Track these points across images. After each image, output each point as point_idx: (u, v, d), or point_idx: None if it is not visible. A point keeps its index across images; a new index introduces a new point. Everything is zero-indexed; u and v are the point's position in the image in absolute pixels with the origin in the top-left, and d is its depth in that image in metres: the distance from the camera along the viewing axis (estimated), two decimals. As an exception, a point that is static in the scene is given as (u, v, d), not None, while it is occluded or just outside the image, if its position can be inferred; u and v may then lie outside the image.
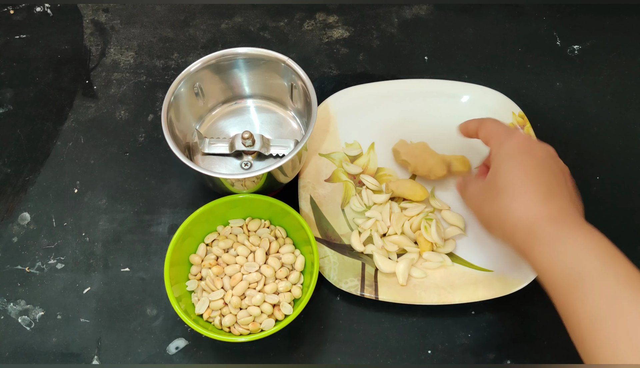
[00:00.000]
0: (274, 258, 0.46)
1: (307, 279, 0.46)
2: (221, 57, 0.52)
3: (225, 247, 0.47)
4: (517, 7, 0.69)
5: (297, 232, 0.48)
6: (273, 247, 0.47)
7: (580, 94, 0.62)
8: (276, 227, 0.49)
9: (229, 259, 0.46)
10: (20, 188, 0.55)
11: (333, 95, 0.57)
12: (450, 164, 0.53)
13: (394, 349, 0.47)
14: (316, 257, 0.45)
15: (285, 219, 0.48)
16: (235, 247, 0.47)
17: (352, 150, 0.56)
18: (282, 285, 0.45)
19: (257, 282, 0.45)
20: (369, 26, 0.67)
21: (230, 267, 0.46)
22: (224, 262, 0.47)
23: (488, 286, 0.47)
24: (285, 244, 0.48)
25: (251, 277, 0.45)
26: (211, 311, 0.45)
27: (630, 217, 0.54)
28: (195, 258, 0.47)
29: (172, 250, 0.45)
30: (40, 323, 0.48)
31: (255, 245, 0.47)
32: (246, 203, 0.48)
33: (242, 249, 0.47)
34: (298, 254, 0.47)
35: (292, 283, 0.46)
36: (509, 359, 0.47)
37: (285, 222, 0.49)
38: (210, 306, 0.45)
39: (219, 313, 0.45)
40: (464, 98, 0.58)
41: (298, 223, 0.46)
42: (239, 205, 0.48)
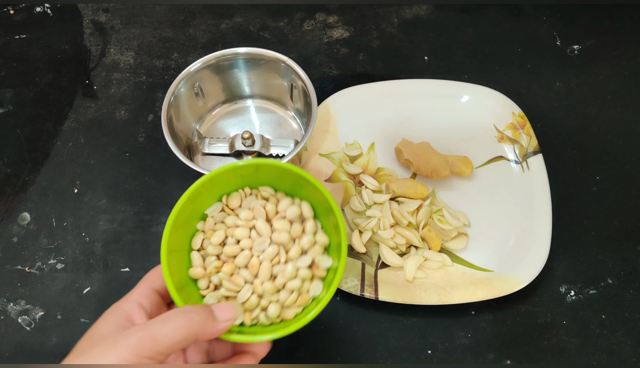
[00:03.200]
0: (279, 220, 0.38)
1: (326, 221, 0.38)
2: (221, 57, 0.52)
3: (220, 241, 0.38)
4: (517, 7, 0.69)
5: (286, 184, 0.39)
6: (270, 210, 0.38)
7: (580, 94, 0.62)
8: (258, 189, 0.40)
9: (232, 249, 0.37)
10: (20, 188, 0.55)
11: (333, 95, 0.57)
12: (453, 164, 0.53)
13: (394, 349, 0.47)
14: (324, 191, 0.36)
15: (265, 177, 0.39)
16: (230, 234, 0.38)
17: (352, 150, 0.56)
18: (306, 240, 0.37)
19: (277, 255, 0.37)
20: (369, 26, 0.67)
21: (239, 257, 0.37)
22: (229, 257, 0.38)
23: (488, 286, 0.47)
24: (280, 199, 0.39)
25: (268, 253, 0.37)
26: (250, 313, 0.36)
27: (630, 217, 0.54)
28: (197, 272, 0.37)
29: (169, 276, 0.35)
30: (40, 323, 0.48)
31: (249, 219, 0.38)
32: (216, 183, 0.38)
33: (239, 232, 0.38)
34: (298, 202, 0.39)
35: (313, 232, 0.38)
36: (509, 359, 0.47)
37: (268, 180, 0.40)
38: (245, 308, 0.36)
39: (259, 310, 0.37)
40: (464, 98, 0.58)
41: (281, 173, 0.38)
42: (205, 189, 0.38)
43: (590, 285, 0.50)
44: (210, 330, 0.31)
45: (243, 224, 0.38)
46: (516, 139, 0.56)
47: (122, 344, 0.28)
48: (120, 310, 0.32)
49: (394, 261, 0.49)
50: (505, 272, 0.48)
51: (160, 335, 0.29)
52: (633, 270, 0.51)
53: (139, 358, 0.28)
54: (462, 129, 0.57)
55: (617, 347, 0.47)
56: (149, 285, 0.34)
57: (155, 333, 0.29)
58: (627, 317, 0.49)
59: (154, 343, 0.28)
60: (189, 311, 0.30)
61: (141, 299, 0.33)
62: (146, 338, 0.28)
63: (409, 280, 0.48)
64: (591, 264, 0.51)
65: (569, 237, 0.52)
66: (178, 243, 0.37)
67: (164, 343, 0.29)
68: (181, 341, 0.29)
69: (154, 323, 0.29)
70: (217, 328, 0.31)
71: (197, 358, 0.35)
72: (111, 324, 0.31)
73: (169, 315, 0.30)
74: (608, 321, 0.48)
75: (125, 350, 0.28)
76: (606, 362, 0.47)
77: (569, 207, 0.54)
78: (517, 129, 0.56)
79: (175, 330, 0.29)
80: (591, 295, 0.50)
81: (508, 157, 0.56)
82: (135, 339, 0.28)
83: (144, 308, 0.33)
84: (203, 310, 0.31)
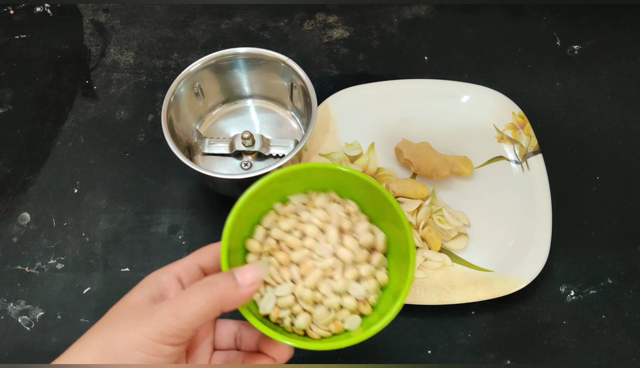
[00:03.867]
0: (350, 238, 0.35)
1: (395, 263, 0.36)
2: (221, 57, 0.52)
3: (288, 228, 0.36)
4: (517, 7, 0.69)
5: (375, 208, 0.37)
6: (346, 225, 0.36)
7: (580, 94, 0.62)
8: (346, 199, 0.38)
9: (295, 242, 0.35)
10: (20, 188, 0.55)
11: (333, 95, 0.57)
12: (453, 164, 0.53)
13: (394, 349, 0.47)
14: (410, 237, 0.34)
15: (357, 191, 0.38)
16: (301, 228, 0.36)
17: (352, 150, 0.56)
18: (365, 270, 0.35)
19: (334, 269, 0.34)
20: (369, 26, 0.67)
21: (297, 252, 0.35)
22: (288, 247, 0.35)
23: (488, 286, 0.47)
24: (360, 220, 0.37)
25: (326, 262, 0.34)
26: (279, 310, 0.34)
27: (630, 217, 0.54)
28: (253, 245, 0.36)
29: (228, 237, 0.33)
30: (40, 324, 0.48)
31: (323, 221, 0.36)
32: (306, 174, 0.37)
33: (310, 229, 0.35)
34: (377, 231, 0.37)
35: (376, 267, 0.36)
36: (509, 359, 0.47)
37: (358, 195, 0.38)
38: (277, 303, 0.34)
39: (289, 312, 0.34)
40: (464, 98, 0.58)
41: (379, 197, 0.36)
42: (299, 177, 0.37)
43: (590, 285, 0.50)
44: (234, 297, 0.29)
45: (317, 223, 0.36)
46: (516, 139, 0.56)
47: (146, 322, 0.28)
48: (156, 281, 0.31)
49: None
50: (505, 272, 0.48)
51: (182, 312, 0.28)
52: (633, 270, 0.51)
53: (162, 337, 0.27)
54: (462, 129, 0.57)
55: (617, 347, 0.47)
56: (196, 259, 0.33)
57: (177, 309, 0.28)
58: (627, 317, 0.49)
59: (177, 320, 0.27)
60: (211, 281, 0.29)
61: (182, 272, 0.32)
62: (168, 315, 0.27)
63: (409, 280, 0.48)
64: (591, 264, 0.51)
65: (569, 237, 0.52)
66: (248, 213, 0.36)
67: (186, 319, 0.28)
68: (204, 315, 0.28)
69: (176, 298, 0.28)
70: (241, 294, 0.29)
71: (225, 340, 0.35)
72: (144, 295, 0.30)
73: (191, 289, 0.29)
74: (608, 321, 0.48)
75: (149, 328, 0.27)
76: (606, 362, 0.47)
77: (569, 207, 0.54)
78: (517, 129, 0.56)
79: (197, 305, 0.28)
80: (591, 295, 0.50)
81: (508, 157, 0.56)
82: (158, 317, 0.28)
83: (183, 282, 0.32)
84: (225, 277, 0.29)
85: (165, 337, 0.27)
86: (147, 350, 0.27)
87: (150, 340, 0.27)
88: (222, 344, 0.35)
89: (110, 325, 0.29)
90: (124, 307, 0.30)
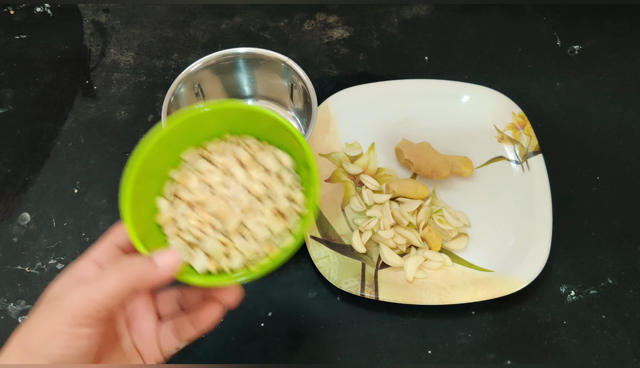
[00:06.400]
0: (256, 170, 0.35)
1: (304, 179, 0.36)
2: (221, 57, 0.52)
3: (193, 187, 0.35)
4: (517, 7, 0.69)
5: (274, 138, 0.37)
6: (244, 157, 0.36)
7: (580, 94, 0.62)
8: (243, 137, 0.37)
9: (204, 196, 0.34)
10: (20, 188, 0.55)
11: (333, 96, 0.57)
12: (453, 164, 0.53)
13: (394, 349, 0.47)
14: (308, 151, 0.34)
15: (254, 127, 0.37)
16: (205, 179, 0.35)
17: (352, 150, 0.56)
18: (281, 192, 0.35)
19: (251, 204, 0.34)
20: (369, 26, 0.67)
21: (211, 204, 0.34)
22: (200, 203, 0.34)
23: (488, 286, 0.47)
24: (261, 149, 0.37)
25: (241, 202, 0.34)
26: (215, 261, 0.34)
27: (630, 217, 0.54)
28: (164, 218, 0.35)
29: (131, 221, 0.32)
30: (40, 324, 0.48)
31: (225, 166, 0.35)
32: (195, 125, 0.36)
33: (213, 178, 0.35)
34: (280, 154, 0.36)
35: (289, 185, 0.36)
36: (509, 359, 0.47)
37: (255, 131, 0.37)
38: (210, 256, 0.34)
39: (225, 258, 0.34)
40: (464, 98, 0.58)
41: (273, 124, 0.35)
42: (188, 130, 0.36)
43: (591, 285, 0.50)
44: (151, 278, 0.29)
45: (218, 171, 0.35)
46: (516, 139, 0.56)
47: (57, 309, 0.27)
48: (73, 270, 0.31)
49: (394, 261, 0.49)
50: (505, 272, 0.48)
51: (94, 293, 0.27)
52: (633, 270, 0.51)
53: (75, 320, 0.27)
54: (462, 129, 0.57)
55: (617, 347, 0.47)
56: (111, 240, 0.33)
57: (89, 291, 0.27)
58: (627, 317, 0.49)
59: (88, 302, 0.27)
60: (127, 263, 0.29)
61: (98, 256, 0.32)
62: (80, 299, 0.27)
63: (409, 280, 0.48)
64: (591, 264, 0.51)
65: (569, 237, 0.52)
66: (146, 188, 0.35)
67: (98, 300, 0.27)
68: (117, 295, 0.28)
69: (89, 281, 0.28)
70: (158, 276, 0.30)
71: (169, 307, 0.35)
72: (61, 286, 0.30)
73: (107, 270, 0.29)
74: (608, 321, 0.48)
75: (61, 315, 0.27)
76: (606, 362, 0.47)
77: (569, 207, 0.54)
78: (517, 129, 0.56)
79: (110, 285, 0.28)
80: (591, 295, 0.50)
81: (508, 157, 0.56)
82: (69, 301, 0.27)
83: (101, 266, 0.31)
84: (142, 259, 0.30)
85: (78, 320, 0.27)
86: (64, 337, 0.27)
87: (63, 326, 0.27)
88: (167, 311, 0.35)
89: (28, 323, 0.29)
90: (45, 301, 0.30)
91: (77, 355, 0.28)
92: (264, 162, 0.36)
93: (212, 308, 0.34)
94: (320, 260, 0.48)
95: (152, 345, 0.34)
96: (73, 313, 0.27)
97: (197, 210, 0.34)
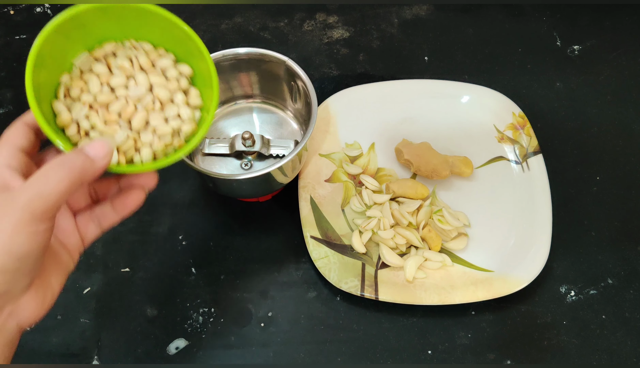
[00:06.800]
0: (156, 75, 0.37)
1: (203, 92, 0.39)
2: (221, 57, 0.52)
3: (95, 89, 0.35)
4: (517, 7, 0.69)
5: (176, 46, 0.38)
6: (143, 61, 0.37)
7: (580, 94, 0.62)
8: (140, 42, 0.38)
9: (107, 97, 0.35)
10: (20, 188, 0.55)
11: (333, 96, 0.57)
12: (453, 164, 0.53)
13: (394, 349, 0.47)
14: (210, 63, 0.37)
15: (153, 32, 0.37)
16: (106, 81, 0.36)
17: (352, 150, 0.56)
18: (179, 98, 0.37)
19: (153, 103, 0.36)
20: (369, 26, 0.67)
21: (115, 104, 0.35)
22: (102, 105, 0.35)
23: (488, 286, 0.47)
24: (160, 56, 0.38)
25: (144, 101, 0.36)
26: (124, 155, 0.35)
27: (630, 217, 0.54)
28: (64, 118, 0.35)
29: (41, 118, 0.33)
30: (40, 323, 0.48)
31: (125, 68, 0.36)
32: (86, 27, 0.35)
33: (116, 80, 0.36)
34: (180, 65, 0.38)
35: (184, 91, 0.38)
36: (509, 359, 0.47)
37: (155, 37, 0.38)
38: (120, 150, 0.35)
39: (134, 152, 0.36)
40: (464, 98, 0.58)
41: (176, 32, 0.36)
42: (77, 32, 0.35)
43: (591, 285, 0.50)
44: (91, 171, 0.31)
45: (119, 73, 0.36)
46: (516, 139, 0.56)
47: (15, 208, 0.28)
48: None
49: (394, 261, 0.49)
50: (505, 272, 0.48)
51: (47, 191, 0.29)
52: (633, 270, 0.51)
53: (34, 218, 0.28)
54: (462, 129, 0.57)
55: (617, 347, 0.47)
56: (12, 145, 0.33)
57: (41, 190, 0.29)
58: (627, 317, 0.49)
59: (43, 200, 0.28)
60: (67, 160, 0.30)
61: (10, 161, 0.32)
62: (34, 197, 0.28)
63: (409, 280, 0.48)
64: (591, 264, 0.51)
65: (569, 237, 0.52)
66: (45, 91, 0.35)
67: (52, 198, 0.29)
68: (67, 191, 0.29)
69: (35, 180, 0.29)
70: (97, 167, 0.31)
71: (83, 202, 0.37)
72: None
73: (47, 169, 0.29)
74: (608, 321, 0.48)
75: (20, 213, 0.28)
76: (606, 362, 0.47)
77: (569, 207, 0.54)
78: (517, 129, 0.56)
79: (59, 182, 0.29)
80: (591, 296, 0.50)
81: (508, 157, 0.56)
82: (24, 200, 0.28)
83: (16, 170, 0.32)
84: (78, 154, 0.30)
85: (36, 217, 0.29)
86: (25, 232, 0.28)
87: (24, 224, 0.28)
88: (80, 205, 0.37)
89: None
90: None
91: (39, 249, 0.29)
92: (164, 68, 0.37)
93: (136, 194, 0.36)
94: (320, 260, 0.48)
95: (75, 237, 0.36)
96: (30, 211, 0.28)
97: (100, 111, 0.35)
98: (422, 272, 0.49)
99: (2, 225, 0.28)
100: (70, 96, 0.36)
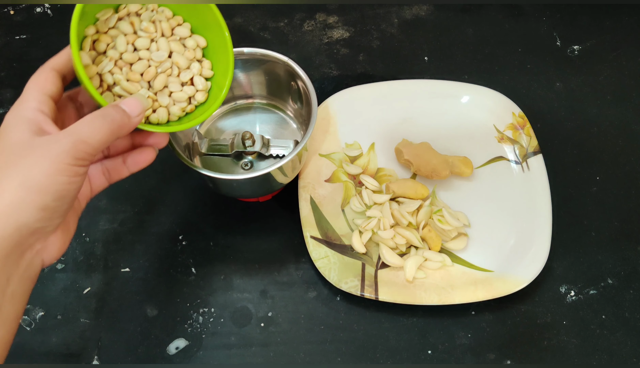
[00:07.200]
0: (176, 43, 0.40)
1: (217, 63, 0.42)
2: (221, 57, 0.52)
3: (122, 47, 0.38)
4: (517, 7, 0.69)
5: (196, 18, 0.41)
6: (166, 29, 0.40)
7: (580, 94, 0.62)
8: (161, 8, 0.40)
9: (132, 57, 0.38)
10: (20, 188, 0.55)
11: (333, 96, 0.58)
12: (453, 164, 0.53)
13: (394, 349, 0.47)
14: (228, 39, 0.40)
15: None
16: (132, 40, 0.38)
17: (352, 150, 0.56)
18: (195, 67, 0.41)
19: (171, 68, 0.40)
20: (369, 26, 0.67)
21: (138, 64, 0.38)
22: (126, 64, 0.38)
23: (488, 286, 0.47)
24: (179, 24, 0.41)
25: (164, 66, 0.39)
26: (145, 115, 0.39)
27: (630, 217, 0.54)
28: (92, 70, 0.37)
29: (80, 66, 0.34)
30: (40, 324, 0.48)
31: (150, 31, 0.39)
32: None
33: (141, 41, 0.38)
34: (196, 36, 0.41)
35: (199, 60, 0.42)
36: (509, 359, 0.47)
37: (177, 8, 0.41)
38: None
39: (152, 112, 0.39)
40: (464, 98, 0.58)
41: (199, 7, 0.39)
42: None
43: (591, 285, 0.50)
44: (127, 126, 0.34)
45: (144, 35, 0.39)
46: (516, 139, 0.56)
47: (57, 149, 0.30)
48: (25, 120, 0.32)
49: (394, 261, 0.49)
50: (505, 272, 0.48)
51: (90, 138, 0.31)
52: (633, 270, 0.51)
53: (76, 161, 0.31)
54: (462, 129, 0.57)
55: (617, 347, 0.47)
56: (41, 91, 0.34)
57: (85, 136, 0.31)
58: (627, 317, 0.49)
59: (86, 145, 0.31)
60: (107, 113, 0.32)
61: (41, 106, 0.33)
62: (79, 142, 0.31)
63: (409, 280, 0.48)
64: (591, 264, 0.51)
65: (569, 237, 0.52)
66: None
67: (94, 144, 0.31)
68: (106, 141, 0.32)
69: (80, 127, 0.31)
70: (132, 123, 0.34)
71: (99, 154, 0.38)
72: (25, 132, 0.32)
73: (92, 119, 0.32)
74: (608, 321, 0.48)
75: (64, 155, 0.30)
76: (606, 362, 0.47)
77: (569, 207, 0.54)
78: (517, 129, 0.56)
79: (101, 132, 0.32)
80: (591, 295, 0.50)
81: (508, 157, 0.56)
82: (70, 143, 0.30)
83: (48, 115, 0.33)
84: (116, 109, 0.33)
85: (79, 161, 0.31)
86: (67, 173, 0.31)
87: (67, 165, 0.30)
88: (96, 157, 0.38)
89: (17, 162, 0.30)
90: (17, 146, 0.31)
91: (75, 191, 0.32)
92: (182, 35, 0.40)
93: (147, 152, 0.39)
94: (320, 260, 0.48)
95: (86, 185, 0.38)
96: (75, 154, 0.31)
97: (124, 69, 0.38)
98: (422, 272, 0.49)
99: (44, 166, 0.30)
100: (95, 49, 0.37)
